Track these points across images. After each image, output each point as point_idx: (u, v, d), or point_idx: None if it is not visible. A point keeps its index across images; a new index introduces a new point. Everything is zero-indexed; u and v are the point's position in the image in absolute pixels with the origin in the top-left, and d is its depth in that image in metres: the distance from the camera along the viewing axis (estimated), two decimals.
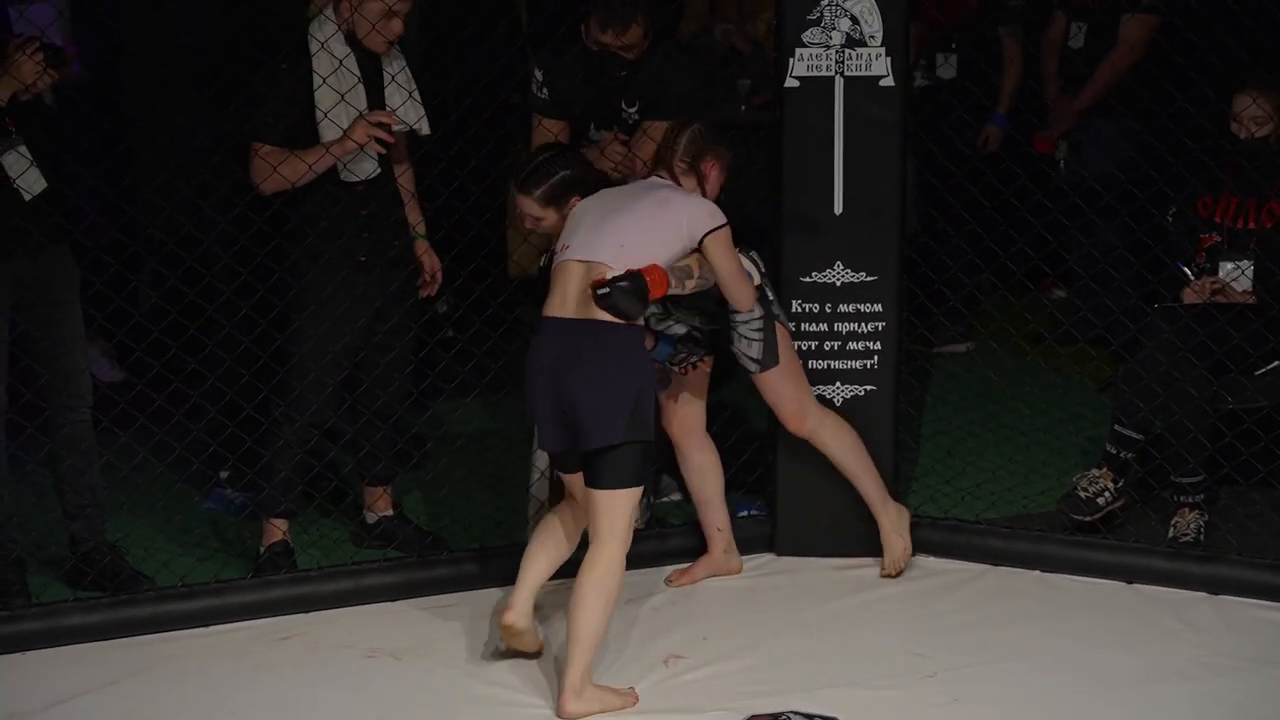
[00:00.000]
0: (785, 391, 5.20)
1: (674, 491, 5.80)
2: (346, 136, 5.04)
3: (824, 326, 5.38)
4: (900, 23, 5.24)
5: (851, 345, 5.40)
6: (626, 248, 4.66)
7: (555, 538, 4.81)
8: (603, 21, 5.25)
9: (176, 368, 5.40)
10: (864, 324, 5.38)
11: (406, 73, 5.25)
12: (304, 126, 5.10)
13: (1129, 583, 5.28)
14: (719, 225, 4.78)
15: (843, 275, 5.36)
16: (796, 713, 4.51)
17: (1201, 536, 5.38)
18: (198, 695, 4.71)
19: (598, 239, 4.69)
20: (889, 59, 5.24)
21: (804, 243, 5.33)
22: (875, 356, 5.40)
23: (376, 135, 5.03)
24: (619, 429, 4.54)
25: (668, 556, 5.44)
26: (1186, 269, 5.62)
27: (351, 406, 5.41)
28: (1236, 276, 5.54)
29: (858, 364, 5.41)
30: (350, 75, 5.12)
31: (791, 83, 5.28)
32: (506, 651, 4.86)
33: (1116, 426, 5.50)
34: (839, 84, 5.26)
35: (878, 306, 5.37)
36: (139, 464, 5.48)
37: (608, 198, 4.84)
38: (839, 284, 5.37)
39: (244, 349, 5.36)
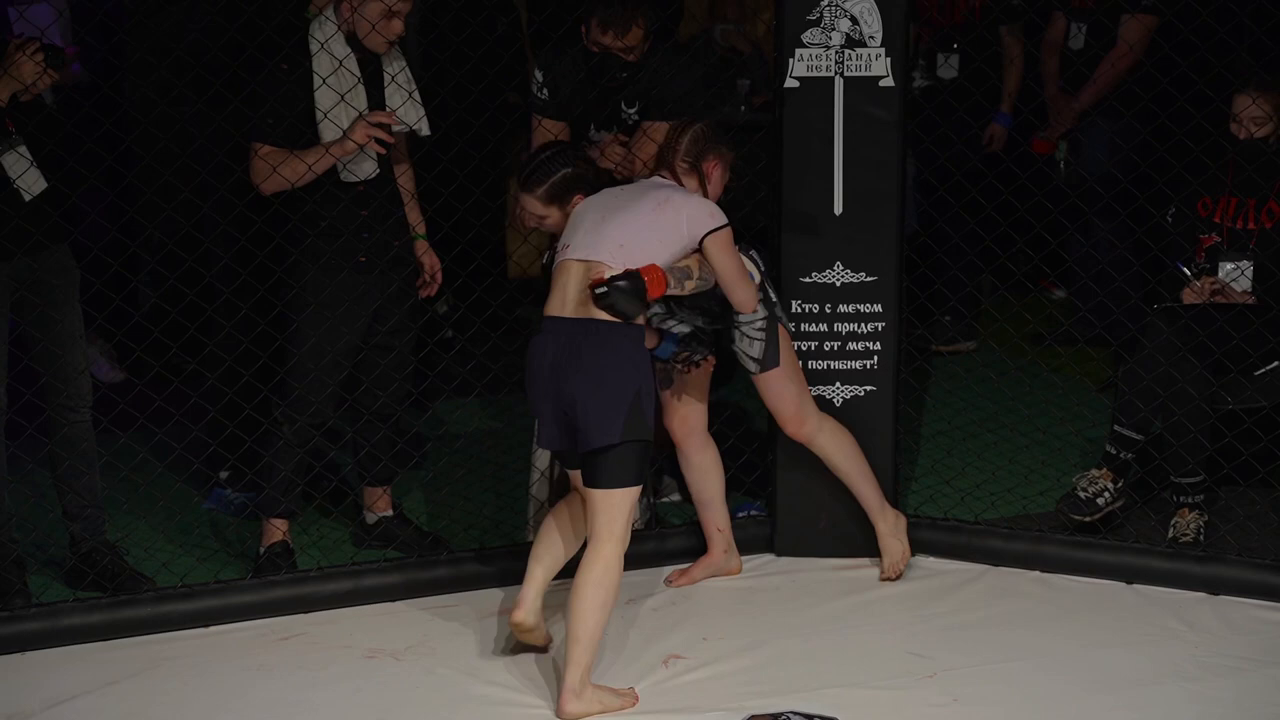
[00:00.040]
0: (785, 393, 5.19)
1: (674, 491, 5.80)
2: (346, 137, 5.04)
3: (823, 327, 5.38)
4: (900, 23, 5.24)
5: (851, 346, 5.39)
6: (626, 247, 4.66)
7: (562, 533, 4.81)
8: (603, 23, 5.24)
9: (176, 368, 5.40)
10: (863, 324, 5.38)
11: (407, 73, 5.25)
12: (304, 127, 5.10)
13: (1129, 583, 5.28)
14: (719, 226, 4.78)
15: (842, 275, 5.36)
16: (796, 713, 4.51)
17: (1201, 537, 5.38)
18: (198, 695, 4.71)
19: (598, 238, 4.69)
20: (889, 59, 5.24)
21: (804, 243, 5.33)
22: (875, 357, 5.40)
23: (376, 135, 5.03)
24: (618, 428, 4.53)
25: (668, 556, 5.44)
26: (1186, 269, 5.61)
27: (351, 407, 5.41)
28: (1236, 277, 5.54)
29: (857, 364, 5.40)
30: (350, 76, 5.12)
31: (791, 83, 5.28)
32: (506, 651, 4.87)
33: (1116, 427, 5.50)
34: (839, 84, 5.26)
35: (877, 307, 5.37)
36: (139, 464, 5.48)
37: (609, 197, 4.84)
38: (839, 284, 5.36)
39: (243, 349, 5.37)
